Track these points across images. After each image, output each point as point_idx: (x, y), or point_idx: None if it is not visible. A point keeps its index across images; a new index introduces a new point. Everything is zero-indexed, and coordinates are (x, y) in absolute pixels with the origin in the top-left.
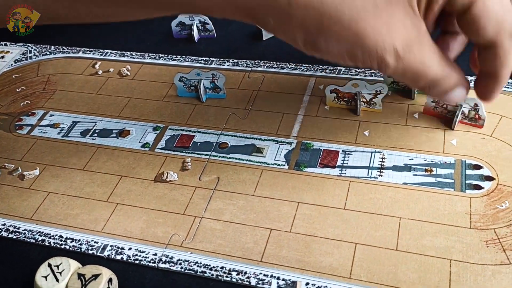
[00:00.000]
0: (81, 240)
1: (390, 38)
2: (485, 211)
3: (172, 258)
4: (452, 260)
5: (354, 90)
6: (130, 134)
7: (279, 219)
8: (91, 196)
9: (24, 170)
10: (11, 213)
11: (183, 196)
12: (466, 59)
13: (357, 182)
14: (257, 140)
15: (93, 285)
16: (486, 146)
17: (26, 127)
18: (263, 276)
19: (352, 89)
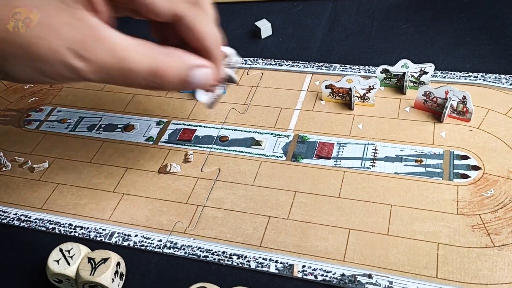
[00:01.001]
0: (90, 227)
1: (59, 40)
2: (471, 198)
3: (176, 244)
4: (439, 244)
5: (348, 85)
6: (135, 128)
7: (277, 207)
8: (98, 187)
9: (33, 163)
10: (22, 203)
11: (186, 186)
12: None
13: (351, 172)
14: (256, 134)
15: (102, 268)
16: (474, 138)
17: (35, 122)
18: (262, 259)
19: (346, 84)
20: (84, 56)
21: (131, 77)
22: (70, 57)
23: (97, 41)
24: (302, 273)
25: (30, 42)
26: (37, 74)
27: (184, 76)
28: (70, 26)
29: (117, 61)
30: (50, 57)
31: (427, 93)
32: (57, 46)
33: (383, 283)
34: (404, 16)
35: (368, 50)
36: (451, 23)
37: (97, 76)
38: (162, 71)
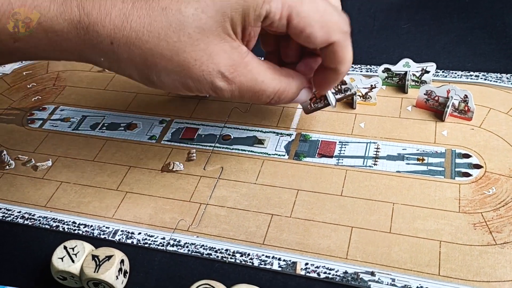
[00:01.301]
0: (93, 225)
1: (213, 64)
2: (473, 197)
3: (179, 241)
4: (441, 242)
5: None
6: (137, 127)
7: (280, 205)
8: (101, 185)
9: (37, 161)
10: (26, 201)
11: (189, 184)
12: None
13: (353, 171)
14: (259, 132)
15: (106, 265)
16: (475, 137)
17: (38, 121)
18: (265, 257)
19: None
20: (229, 78)
21: (258, 96)
22: (218, 79)
23: (243, 67)
24: (305, 271)
25: (188, 63)
26: (181, 86)
27: (294, 96)
28: (225, 53)
29: (254, 84)
30: (200, 77)
31: (429, 92)
32: (211, 70)
33: (385, 280)
34: (405, 15)
35: (369, 49)
36: (452, 22)
37: (232, 94)
38: (283, 93)
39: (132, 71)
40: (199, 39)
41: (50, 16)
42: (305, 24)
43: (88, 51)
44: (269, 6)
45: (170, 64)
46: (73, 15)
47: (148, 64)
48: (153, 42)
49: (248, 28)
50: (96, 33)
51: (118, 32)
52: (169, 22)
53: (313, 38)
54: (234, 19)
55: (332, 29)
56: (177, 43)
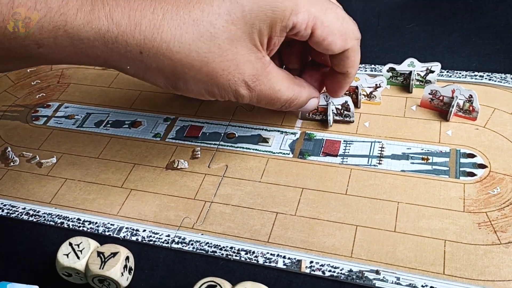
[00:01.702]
0: (98, 222)
1: (239, 73)
2: (478, 196)
3: (184, 239)
4: (446, 241)
5: (355, 83)
6: (142, 125)
7: (285, 204)
8: (106, 182)
9: (41, 158)
10: (31, 198)
11: (194, 182)
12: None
13: (358, 170)
14: (263, 131)
15: (111, 262)
16: (480, 137)
17: (42, 118)
18: (270, 255)
19: (353, 82)
20: (251, 87)
21: (273, 103)
22: (242, 87)
23: (265, 76)
24: (310, 269)
25: (216, 73)
26: (206, 93)
27: (303, 104)
28: (251, 63)
29: (271, 92)
30: (226, 86)
31: (433, 91)
32: (236, 79)
33: (390, 279)
34: (410, 15)
35: (373, 49)
36: (456, 22)
37: (250, 100)
38: (294, 101)
39: (159, 79)
40: (228, 50)
41: (77, 25)
42: (328, 33)
43: (115, 58)
44: (296, 18)
45: (199, 74)
46: (101, 24)
47: (177, 74)
48: (183, 52)
49: (274, 38)
50: (125, 42)
51: (148, 42)
52: (200, 34)
53: (333, 45)
54: (261, 30)
55: (349, 36)
56: (207, 54)
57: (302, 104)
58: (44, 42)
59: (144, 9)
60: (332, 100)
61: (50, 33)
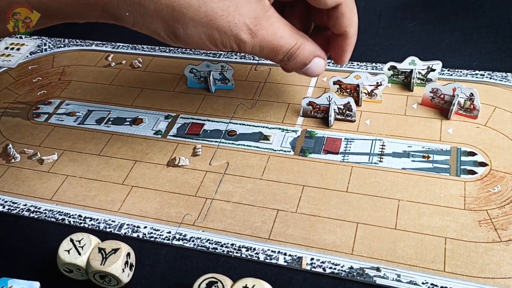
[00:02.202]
0: (99, 219)
1: (239, 15)
2: (478, 194)
3: (185, 235)
4: (447, 238)
5: (356, 81)
6: (143, 122)
7: (286, 201)
8: (107, 179)
9: (43, 155)
10: (32, 195)
11: (195, 179)
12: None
13: (359, 167)
14: (264, 128)
15: (113, 258)
16: (480, 135)
17: (44, 115)
18: (271, 252)
19: (354, 80)
20: (253, 31)
21: (275, 52)
22: (243, 31)
23: (266, 20)
24: (311, 266)
25: (216, 13)
26: (206, 40)
27: (307, 61)
28: (250, 4)
29: (274, 38)
30: (227, 29)
31: (434, 90)
32: (237, 21)
33: (391, 276)
34: (411, 14)
35: (375, 47)
36: (457, 21)
37: (253, 48)
38: (297, 51)
39: (158, 24)
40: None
41: None
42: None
43: (113, 5)
44: None
45: (198, 15)
46: None
47: (175, 15)
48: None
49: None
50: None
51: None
52: None
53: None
54: None
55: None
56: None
57: (305, 58)
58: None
59: None
60: (335, 100)
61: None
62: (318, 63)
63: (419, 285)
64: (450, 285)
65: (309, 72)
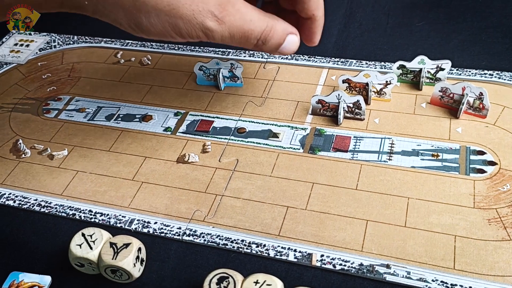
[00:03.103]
0: (110, 214)
1: (203, 3)
2: (488, 193)
3: (195, 231)
4: (456, 236)
5: (366, 80)
6: (153, 119)
7: (295, 198)
8: (117, 175)
9: (53, 150)
10: (42, 190)
11: (204, 176)
12: None
13: (368, 165)
14: (273, 126)
15: (124, 253)
16: (490, 134)
17: (53, 111)
18: (281, 248)
19: (363, 79)
20: (219, 18)
21: (247, 37)
22: (209, 19)
23: (231, 6)
24: (321, 262)
25: (178, 1)
26: (171, 29)
27: (281, 40)
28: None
29: (243, 23)
30: (191, 17)
31: (443, 89)
32: (201, 9)
33: (401, 273)
34: (419, 13)
35: (383, 46)
36: (465, 21)
37: (222, 36)
38: (270, 33)
39: (119, 13)
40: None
41: None
42: None
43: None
44: None
45: (160, 3)
46: None
47: (137, 4)
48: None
49: None
50: None
51: None
52: None
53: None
54: None
55: None
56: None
57: (279, 38)
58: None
59: None
60: (344, 98)
61: None
62: (293, 40)
63: (429, 282)
64: (460, 283)
65: (285, 50)
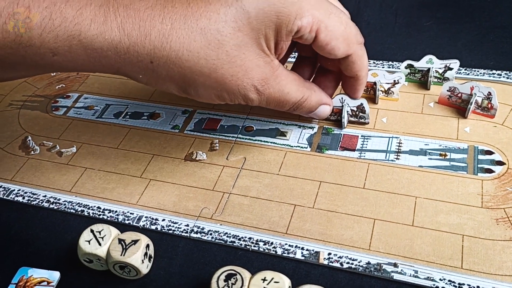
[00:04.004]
0: (118, 211)
1: (248, 78)
2: (496, 193)
3: (203, 229)
4: (464, 236)
5: (374, 79)
6: (161, 116)
7: (303, 196)
8: (125, 172)
9: (61, 147)
10: (51, 186)
11: (212, 174)
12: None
13: (376, 164)
14: (281, 125)
15: (132, 249)
16: (498, 134)
17: (62, 109)
18: (288, 246)
19: (371, 78)
20: (260, 91)
21: (282, 105)
22: (251, 92)
23: (273, 79)
24: (328, 260)
25: (225, 79)
26: (216, 98)
27: (313, 109)
28: (259, 68)
29: (281, 95)
30: (235, 91)
31: (452, 88)
32: (245, 84)
33: (408, 272)
34: (427, 13)
35: (391, 45)
36: (473, 21)
37: (260, 103)
38: (303, 103)
39: (171, 86)
40: (236, 56)
41: (91, 35)
42: (331, 37)
43: (127, 68)
44: (300, 22)
45: (208, 81)
46: (113, 35)
47: (187, 81)
48: (192, 60)
49: (281, 42)
50: (136, 53)
51: (158, 52)
52: (208, 42)
53: (337, 50)
54: (268, 35)
55: (351, 41)
56: (216, 61)
57: (311, 107)
58: (59, 50)
59: (153, 19)
60: (348, 101)
61: (64, 42)
62: (324, 109)
63: (437, 281)
64: (468, 282)
65: (314, 116)
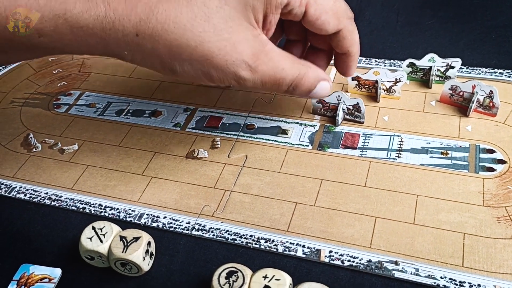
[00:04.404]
0: (119, 208)
1: (236, 53)
2: (497, 191)
3: (204, 226)
4: (465, 234)
5: (375, 77)
6: (162, 114)
7: (304, 194)
8: (127, 169)
9: (63, 145)
10: (53, 183)
11: (214, 171)
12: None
13: (377, 163)
14: (282, 123)
15: (134, 246)
16: (499, 132)
17: (64, 106)
18: (289, 244)
19: (373, 76)
20: (252, 67)
21: (278, 84)
22: (242, 68)
23: (265, 55)
24: (329, 258)
25: (212, 53)
26: (203, 76)
27: (312, 87)
28: (248, 42)
29: (275, 72)
30: (224, 67)
31: (453, 87)
32: (234, 59)
33: (409, 270)
34: (429, 12)
35: (393, 44)
36: (475, 20)
37: (254, 84)
38: (301, 80)
39: (155, 62)
40: (223, 29)
41: (76, 12)
42: (321, 11)
43: (113, 44)
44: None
45: (195, 54)
46: (99, 11)
47: (173, 54)
48: (178, 33)
49: (269, 15)
50: (122, 26)
51: (143, 24)
52: (194, 14)
53: (327, 24)
54: (256, 8)
55: (341, 15)
56: (202, 33)
57: (310, 85)
58: (45, 31)
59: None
60: (344, 99)
61: (50, 21)
62: (324, 86)
63: (438, 279)
64: (469, 280)
65: (315, 95)
